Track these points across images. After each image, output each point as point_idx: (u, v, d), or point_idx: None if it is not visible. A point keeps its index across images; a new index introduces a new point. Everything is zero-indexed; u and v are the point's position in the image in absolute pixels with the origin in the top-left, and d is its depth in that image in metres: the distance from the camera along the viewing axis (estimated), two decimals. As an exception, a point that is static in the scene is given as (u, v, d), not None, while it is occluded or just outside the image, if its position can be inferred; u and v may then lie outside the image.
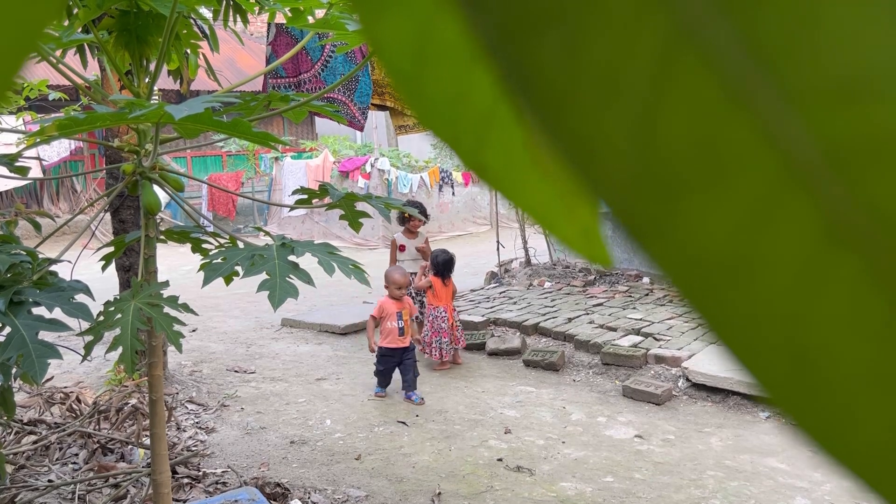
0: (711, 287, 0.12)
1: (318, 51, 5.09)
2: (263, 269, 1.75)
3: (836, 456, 0.12)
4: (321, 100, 2.32)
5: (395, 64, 0.17)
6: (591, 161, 0.13)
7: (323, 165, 12.68)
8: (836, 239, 0.11)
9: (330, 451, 3.82)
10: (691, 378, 4.60)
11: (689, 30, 0.12)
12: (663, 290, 7.05)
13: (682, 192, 0.12)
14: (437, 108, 0.18)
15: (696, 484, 3.39)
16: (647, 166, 0.12)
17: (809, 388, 0.12)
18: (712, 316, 0.13)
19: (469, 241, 12.80)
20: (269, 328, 6.55)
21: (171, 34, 1.85)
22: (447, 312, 5.20)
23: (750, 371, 0.12)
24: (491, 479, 3.45)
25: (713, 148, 0.12)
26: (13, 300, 1.74)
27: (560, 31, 0.12)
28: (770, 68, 0.11)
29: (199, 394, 4.70)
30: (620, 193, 0.13)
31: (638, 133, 0.12)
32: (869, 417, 0.12)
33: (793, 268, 0.12)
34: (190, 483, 3.33)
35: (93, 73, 4.73)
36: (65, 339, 4.85)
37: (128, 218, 4.37)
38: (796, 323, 0.12)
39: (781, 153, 0.11)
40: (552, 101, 0.13)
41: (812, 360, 0.12)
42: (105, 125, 1.52)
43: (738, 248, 0.12)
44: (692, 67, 0.12)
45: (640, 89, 0.12)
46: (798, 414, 0.12)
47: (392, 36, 0.17)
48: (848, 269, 0.11)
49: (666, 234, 0.13)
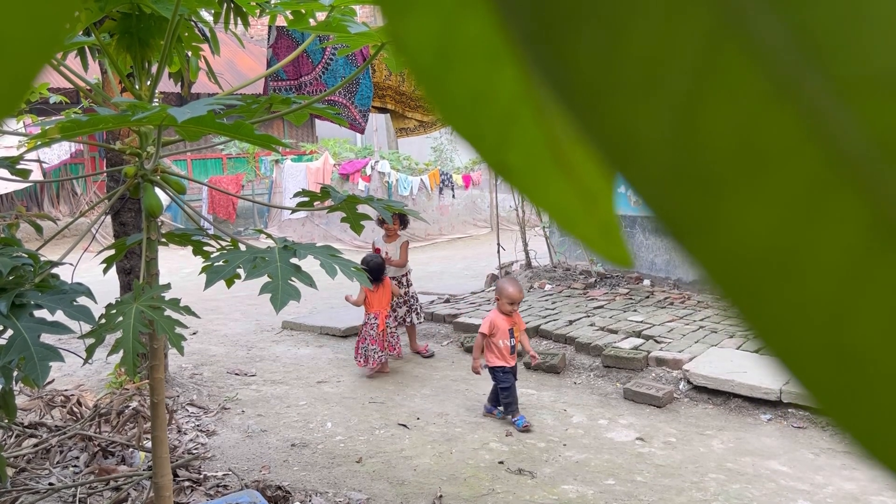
0: (754, 286, 0.12)
1: (319, 53, 5.09)
2: (266, 272, 1.74)
3: (879, 457, 0.12)
4: (322, 102, 2.32)
5: (419, 61, 0.17)
6: (629, 156, 0.13)
7: (323, 168, 12.69)
8: (885, 236, 0.11)
9: (331, 454, 3.81)
10: (692, 380, 4.60)
11: (734, 21, 0.11)
12: (664, 292, 7.05)
13: (724, 186, 0.12)
14: (459, 105, 0.17)
15: (698, 486, 3.39)
16: (689, 160, 0.12)
17: (857, 393, 0.12)
18: (755, 317, 0.12)
19: (469, 244, 12.80)
20: (270, 331, 6.55)
21: (172, 37, 1.85)
22: (378, 319, 5.16)
23: (794, 375, 0.12)
24: (492, 482, 3.45)
25: (757, 141, 0.12)
26: (15, 303, 1.74)
27: (599, 23, 0.12)
28: (818, 59, 0.11)
29: (199, 397, 4.70)
30: (660, 189, 0.12)
31: (679, 126, 0.12)
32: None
33: (839, 267, 0.11)
34: (191, 486, 3.32)
35: (94, 75, 4.73)
36: (66, 341, 4.85)
37: (129, 221, 4.37)
38: (843, 325, 0.12)
39: (828, 147, 0.11)
40: (590, 94, 0.13)
41: (860, 364, 0.12)
42: (107, 128, 1.52)
43: (783, 246, 0.12)
44: (737, 59, 0.11)
45: (682, 81, 0.12)
46: (846, 421, 0.12)
47: (415, 33, 0.16)
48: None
49: (707, 230, 0.12)
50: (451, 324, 6.33)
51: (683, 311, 6.24)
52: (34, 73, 0.15)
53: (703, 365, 4.71)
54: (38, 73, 0.15)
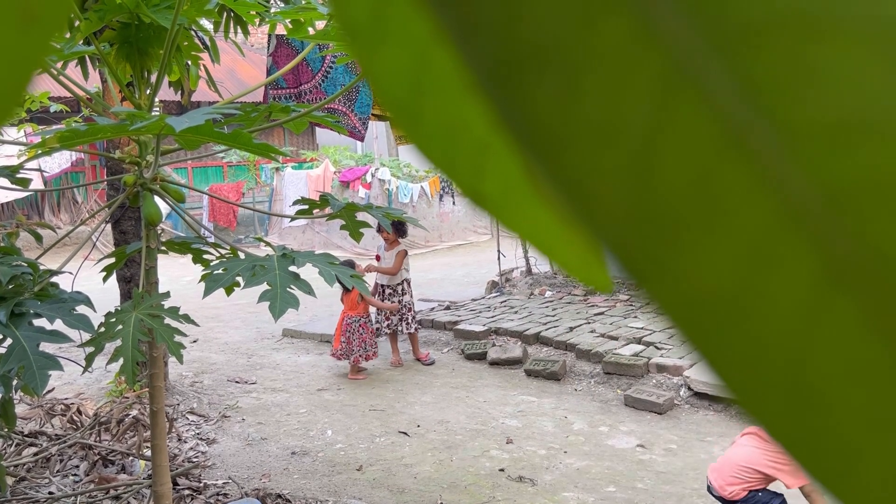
0: (710, 327, 0.12)
1: (319, 62, 5.10)
2: (264, 280, 1.75)
3: (839, 496, 0.12)
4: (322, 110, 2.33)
5: (392, 95, 0.17)
6: (588, 200, 0.13)
7: (323, 175, 12.70)
8: (836, 281, 0.11)
9: (331, 462, 3.81)
10: (693, 387, 4.59)
11: (686, 71, 0.12)
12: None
13: (679, 232, 0.12)
14: (434, 137, 0.18)
15: (699, 493, 3.38)
16: (645, 206, 0.12)
17: (811, 429, 0.12)
18: (712, 357, 0.13)
19: (470, 251, 12.80)
20: (270, 338, 6.54)
21: (172, 46, 1.85)
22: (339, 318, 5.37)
23: (751, 413, 0.12)
24: (493, 490, 3.44)
25: (711, 188, 0.12)
26: (14, 312, 1.74)
27: (554, 71, 0.12)
28: (766, 110, 0.11)
29: (199, 405, 4.70)
30: (618, 233, 0.13)
31: (635, 173, 0.12)
32: (869, 459, 0.12)
33: (792, 310, 0.12)
34: (191, 494, 3.32)
35: (94, 84, 4.75)
36: (65, 350, 4.85)
37: (128, 229, 4.38)
38: (796, 365, 0.12)
39: (779, 194, 0.11)
40: (548, 140, 0.13)
41: (813, 402, 0.12)
42: (107, 137, 1.52)
43: (737, 289, 0.12)
44: (689, 108, 0.12)
45: (637, 129, 0.12)
46: (801, 454, 0.12)
47: (388, 68, 0.17)
48: (846, 312, 0.11)
49: (664, 273, 0.13)
50: (451, 331, 6.33)
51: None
52: (23, 83, 0.15)
53: (703, 371, 4.69)
54: (27, 83, 0.15)
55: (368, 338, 5.31)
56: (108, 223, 4.87)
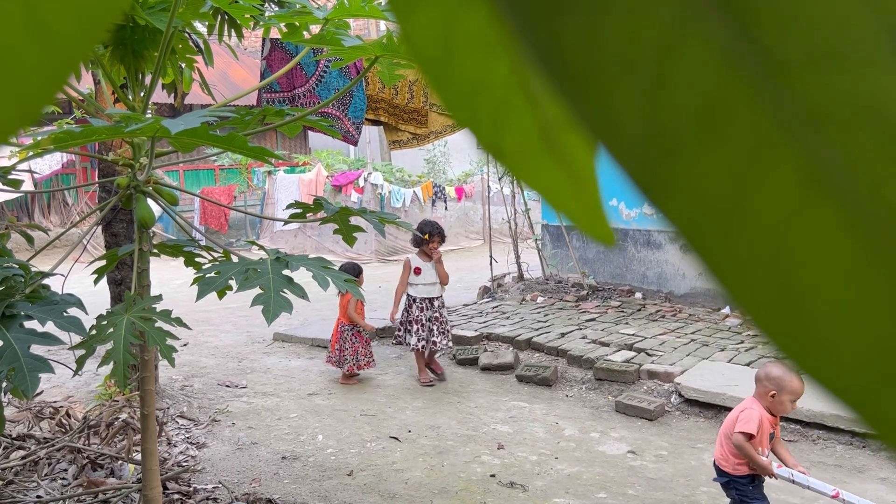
0: (711, 233, 0.15)
1: (313, 66, 5.10)
2: (258, 284, 1.74)
3: (818, 379, 0.14)
4: (316, 114, 2.33)
5: (424, 53, 0.19)
6: (608, 127, 0.15)
7: (316, 179, 12.69)
8: (818, 187, 0.14)
9: (322, 467, 3.79)
10: (684, 394, 4.60)
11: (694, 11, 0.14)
12: (655, 305, 7.06)
13: (685, 150, 0.15)
14: (459, 94, 0.20)
15: (690, 500, 3.38)
16: (657, 128, 0.15)
17: (795, 320, 0.14)
18: (712, 259, 0.15)
19: (462, 256, 12.80)
20: (261, 342, 6.52)
21: (166, 48, 1.85)
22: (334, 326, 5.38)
23: (744, 308, 0.15)
24: (484, 495, 3.43)
25: (713, 111, 0.14)
26: (5, 313, 1.73)
27: (579, 11, 0.15)
28: (761, 44, 0.14)
29: (190, 409, 4.67)
30: (633, 154, 0.15)
31: (649, 100, 0.15)
32: (846, 344, 0.14)
33: (778, 209, 0.14)
34: (181, 499, 3.30)
35: (86, 86, 4.73)
36: (55, 352, 4.82)
37: (120, 231, 4.36)
38: (783, 262, 0.14)
39: (770, 115, 0.14)
40: (574, 74, 0.15)
41: (797, 295, 0.14)
42: (101, 139, 1.52)
43: (733, 196, 0.14)
44: (696, 43, 0.14)
45: (650, 61, 0.14)
46: (785, 342, 0.14)
47: (421, 28, 0.19)
48: (824, 210, 0.14)
49: (672, 187, 0.15)
50: (443, 336, 6.32)
51: (675, 324, 6.26)
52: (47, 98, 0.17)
53: (694, 378, 4.71)
54: (51, 99, 0.17)
55: (362, 347, 5.25)
56: (100, 225, 4.85)
